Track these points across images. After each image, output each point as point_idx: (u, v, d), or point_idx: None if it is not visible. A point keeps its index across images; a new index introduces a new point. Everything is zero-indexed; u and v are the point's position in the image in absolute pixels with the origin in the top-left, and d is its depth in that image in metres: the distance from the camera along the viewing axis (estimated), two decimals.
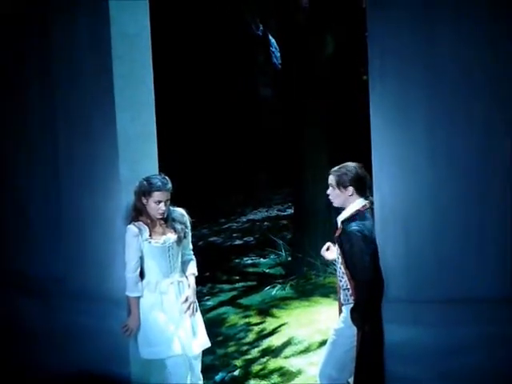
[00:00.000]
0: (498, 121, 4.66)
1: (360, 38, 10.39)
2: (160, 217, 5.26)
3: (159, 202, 5.20)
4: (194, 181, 13.59)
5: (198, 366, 5.47)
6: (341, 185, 5.01)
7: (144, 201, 5.24)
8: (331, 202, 5.12)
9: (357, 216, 4.94)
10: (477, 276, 4.72)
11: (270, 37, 15.59)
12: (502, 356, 4.67)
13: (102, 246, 5.52)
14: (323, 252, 5.36)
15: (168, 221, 5.33)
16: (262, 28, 15.70)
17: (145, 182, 5.25)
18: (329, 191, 5.08)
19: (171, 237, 5.32)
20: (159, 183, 5.22)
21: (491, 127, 4.67)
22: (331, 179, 5.06)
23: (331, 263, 5.29)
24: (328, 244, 5.35)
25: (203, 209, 12.17)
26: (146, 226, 5.26)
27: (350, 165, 5.04)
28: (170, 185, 5.26)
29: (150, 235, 5.25)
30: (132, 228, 5.25)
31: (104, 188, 5.46)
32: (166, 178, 5.30)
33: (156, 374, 5.38)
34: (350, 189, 4.99)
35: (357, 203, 4.99)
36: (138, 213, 5.28)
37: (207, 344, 5.50)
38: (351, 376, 4.98)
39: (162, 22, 9.06)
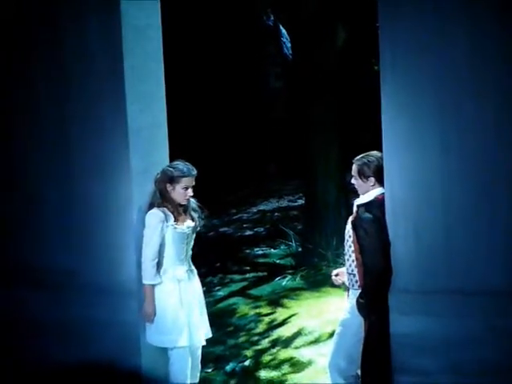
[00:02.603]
0: (510, 113, 4.65)
1: (371, 29, 10.37)
2: (185, 202, 5.34)
3: (187, 187, 5.30)
4: (204, 171, 13.60)
5: (199, 357, 5.52)
6: (362, 175, 5.01)
7: (170, 188, 5.29)
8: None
9: (373, 203, 4.94)
10: (487, 268, 4.71)
11: (281, 27, 15.55)
12: (511, 348, 4.67)
13: (112, 237, 5.53)
14: (334, 279, 5.35)
15: (187, 209, 5.41)
16: (272, 18, 15.67)
17: (171, 169, 5.33)
18: (353, 180, 5.10)
19: (190, 224, 5.39)
20: (185, 169, 5.33)
21: (502, 119, 4.66)
22: (353, 169, 5.07)
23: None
24: (336, 271, 5.38)
25: (214, 199, 12.19)
26: (169, 212, 5.30)
27: (373, 154, 5.03)
28: (195, 171, 5.37)
29: (174, 221, 5.31)
30: (158, 213, 5.28)
31: (115, 179, 5.47)
32: (190, 164, 5.39)
33: (166, 365, 5.42)
34: (372, 179, 4.99)
35: (376, 191, 4.99)
36: (163, 199, 5.32)
37: (209, 334, 5.54)
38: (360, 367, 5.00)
39: (173, 14, 9.06)
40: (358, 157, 5.08)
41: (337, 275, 5.33)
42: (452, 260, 4.76)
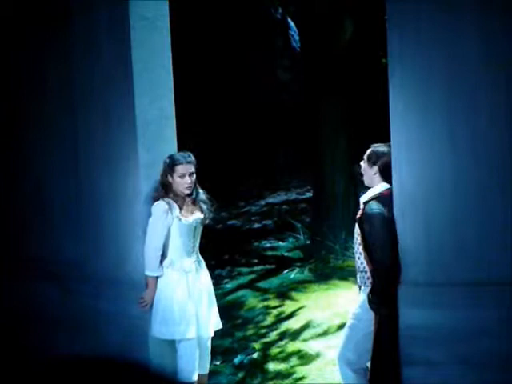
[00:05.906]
0: None
1: (379, 21, 10.34)
2: (187, 192, 5.29)
3: (183, 175, 5.25)
4: (212, 164, 13.61)
5: (209, 348, 5.52)
6: (369, 160, 5.02)
7: (170, 179, 5.27)
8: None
9: (379, 199, 4.93)
10: (496, 260, 4.70)
11: (289, 20, 15.54)
12: None
13: (120, 229, 5.54)
14: None
15: (196, 200, 5.38)
16: (280, 11, 15.66)
17: (168, 160, 5.32)
18: (361, 163, 5.10)
19: (199, 216, 5.37)
20: (180, 157, 5.29)
21: None
22: (367, 152, 5.08)
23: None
24: None
25: (222, 192, 12.19)
26: (175, 204, 5.29)
27: (388, 146, 5.02)
28: (191, 158, 5.32)
29: (180, 213, 5.29)
30: (162, 204, 5.26)
31: (122, 172, 5.48)
32: (188, 153, 5.36)
33: (174, 357, 5.42)
34: (375, 168, 4.99)
35: (380, 186, 4.98)
36: (166, 191, 5.31)
37: (219, 325, 5.55)
38: (369, 360, 4.99)
39: (181, 6, 9.05)
40: (377, 143, 5.09)
41: None
42: (461, 252, 4.75)
